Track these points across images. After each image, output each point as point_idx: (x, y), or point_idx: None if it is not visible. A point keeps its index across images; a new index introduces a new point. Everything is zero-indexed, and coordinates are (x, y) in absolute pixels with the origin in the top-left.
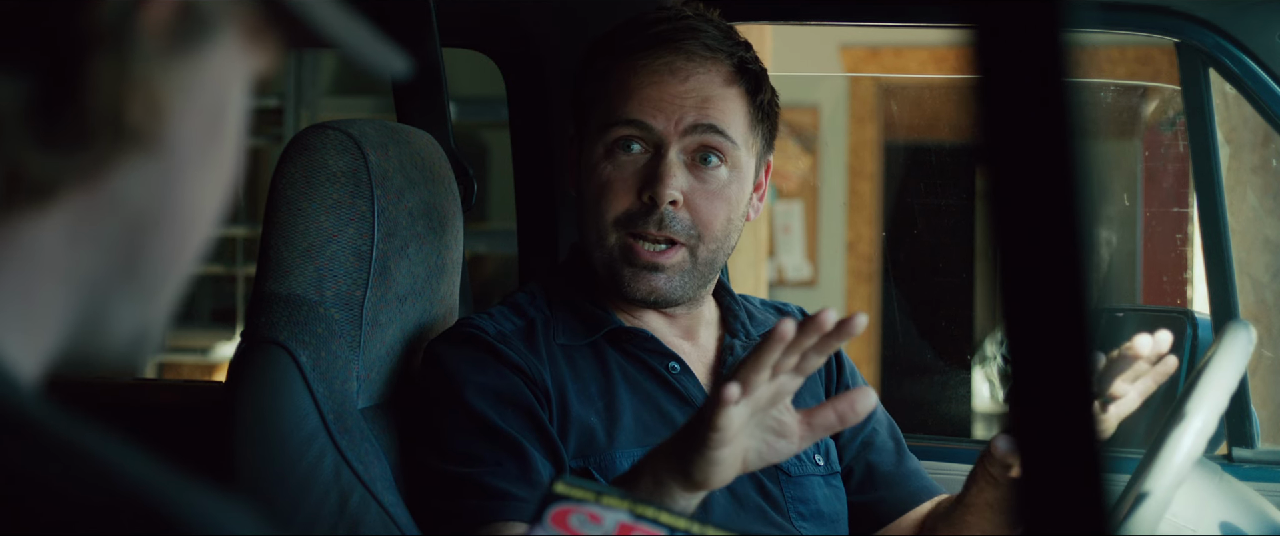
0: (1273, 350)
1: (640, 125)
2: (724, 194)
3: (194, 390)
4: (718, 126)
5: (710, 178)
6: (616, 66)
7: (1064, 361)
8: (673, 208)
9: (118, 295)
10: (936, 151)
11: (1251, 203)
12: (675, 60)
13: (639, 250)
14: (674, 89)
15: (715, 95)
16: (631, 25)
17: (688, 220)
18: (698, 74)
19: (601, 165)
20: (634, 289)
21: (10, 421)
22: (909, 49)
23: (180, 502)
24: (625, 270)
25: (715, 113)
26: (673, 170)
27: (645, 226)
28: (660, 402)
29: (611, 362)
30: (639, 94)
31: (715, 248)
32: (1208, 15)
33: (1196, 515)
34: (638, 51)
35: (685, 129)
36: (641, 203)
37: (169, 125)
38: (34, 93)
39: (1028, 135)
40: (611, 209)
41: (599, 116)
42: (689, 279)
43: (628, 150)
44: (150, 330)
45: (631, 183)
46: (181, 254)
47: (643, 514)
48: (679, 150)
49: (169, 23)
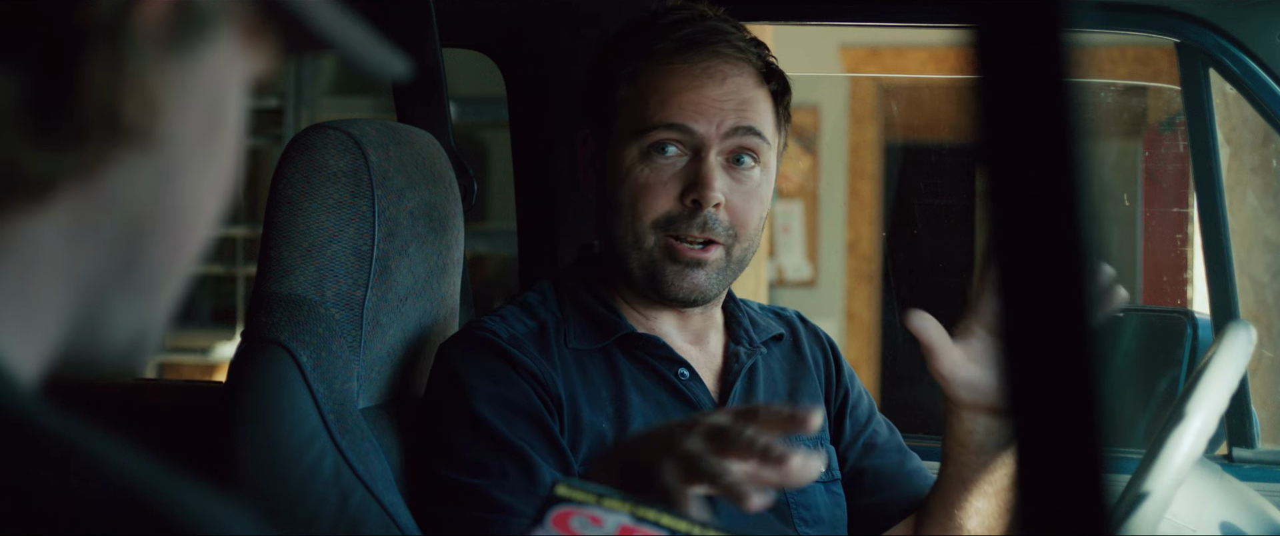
0: (1273, 350)
1: (681, 129)
2: (758, 194)
3: (194, 390)
4: (755, 128)
5: (745, 178)
6: (648, 69)
7: (1064, 361)
8: (715, 211)
9: (117, 295)
10: (936, 151)
11: (1251, 203)
12: (712, 63)
13: (682, 249)
14: (713, 92)
15: (751, 96)
16: (653, 26)
17: (727, 221)
18: (733, 77)
19: (637, 168)
20: (676, 287)
21: (10, 421)
22: (909, 49)
23: (180, 503)
24: (669, 268)
25: (752, 114)
26: (715, 173)
27: (688, 229)
28: (669, 410)
29: (621, 368)
30: (678, 98)
31: (747, 246)
32: (1208, 15)
33: (1196, 515)
34: (670, 55)
35: (726, 132)
36: (683, 206)
37: (166, 123)
38: (29, 89)
39: (1028, 135)
40: (650, 211)
41: (631, 119)
42: (723, 277)
43: (664, 153)
44: (150, 331)
45: (671, 186)
46: (181, 254)
47: (644, 516)
48: (718, 153)
49: (165, 20)
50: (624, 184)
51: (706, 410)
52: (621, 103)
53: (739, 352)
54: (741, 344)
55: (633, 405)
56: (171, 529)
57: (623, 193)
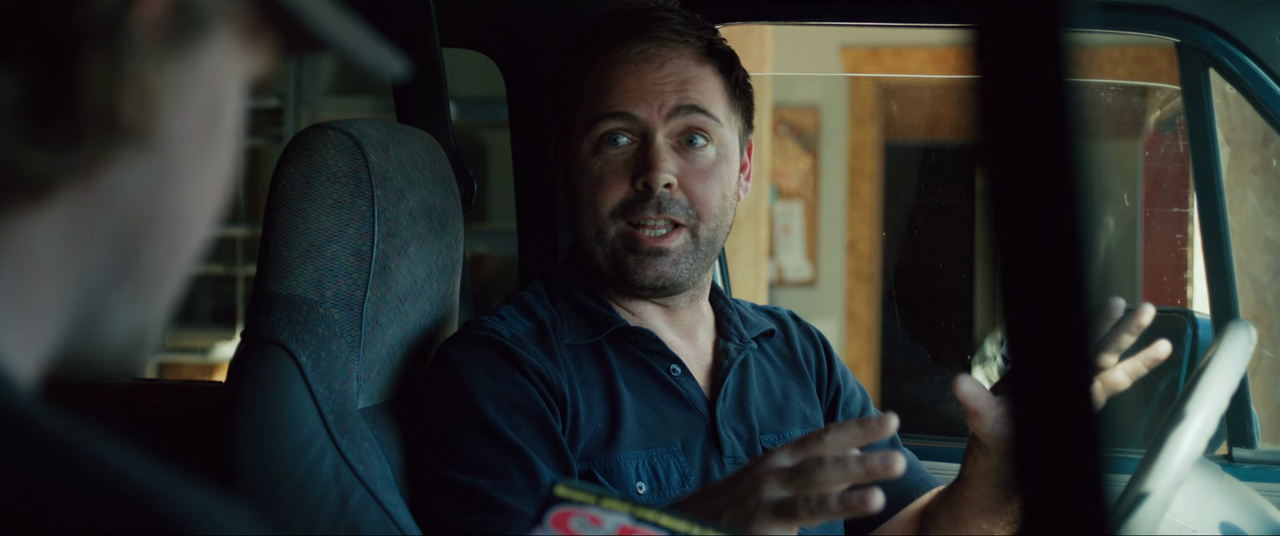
0: (1273, 350)
1: (624, 116)
2: (715, 172)
3: (194, 390)
4: (700, 106)
5: (699, 158)
6: (591, 65)
7: (1064, 361)
8: (668, 190)
9: (116, 295)
10: (936, 151)
11: (1251, 203)
12: (648, 47)
13: (641, 237)
14: (651, 76)
15: (692, 76)
16: (598, 26)
17: (685, 201)
18: (672, 58)
19: (590, 161)
20: (640, 276)
21: (9, 421)
22: (909, 49)
23: (180, 503)
24: (629, 258)
25: (695, 93)
26: (663, 154)
27: (644, 212)
28: (660, 405)
29: (613, 363)
30: (619, 86)
31: (714, 226)
32: (1208, 15)
33: (1196, 515)
34: (609, 47)
35: (669, 113)
36: (636, 190)
37: (164, 123)
38: (27, 88)
39: (1028, 135)
40: (607, 201)
41: (581, 115)
42: (693, 261)
43: (615, 144)
44: (149, 331)
45: (623, 173)
46: (180, 254)
47: (643, 516)
48: (665, 135)
49: (163, 20)
50: (582, 178)
51: (774, 452)
52: (573, 102)
53: (729, 349)
54: (731, 340)
55: (625, 401)
56: (171, 529)
57: (582, 186)
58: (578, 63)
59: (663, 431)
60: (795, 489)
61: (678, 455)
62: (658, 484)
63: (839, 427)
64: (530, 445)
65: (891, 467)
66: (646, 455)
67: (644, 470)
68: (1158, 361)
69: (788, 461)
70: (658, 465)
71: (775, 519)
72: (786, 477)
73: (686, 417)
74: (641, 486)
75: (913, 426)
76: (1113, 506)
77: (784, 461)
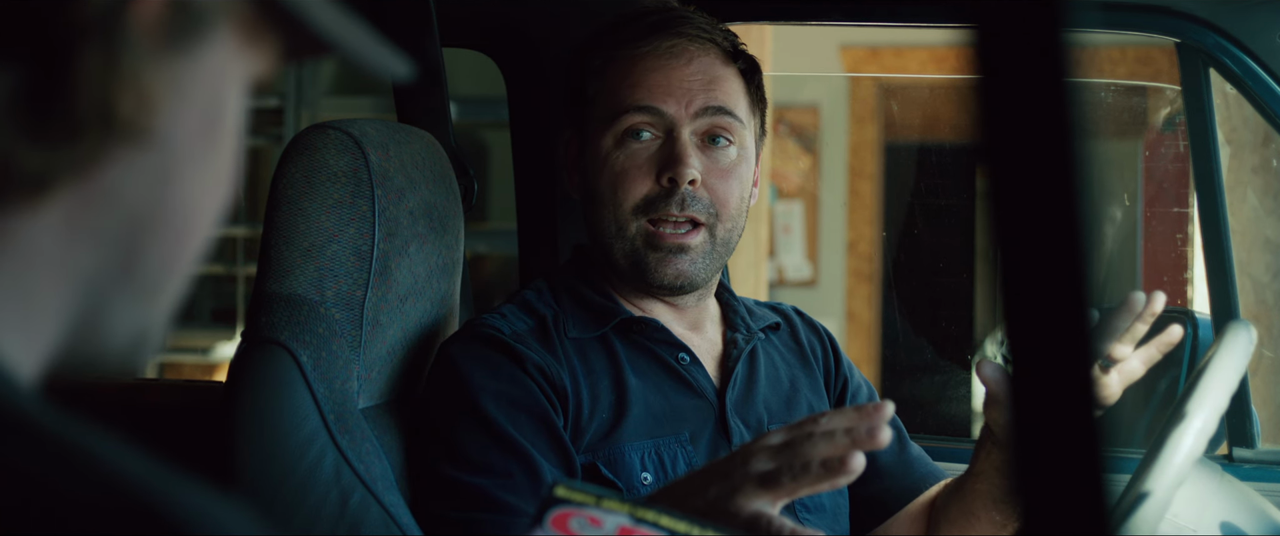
0: (1273, 350)
1: (651, 111)
2: (736, 172)
3: (194, 390)
4: (726, 107)
5: (721, 157)
6: (615, 58)
7: (1064, 361)
8: (691, 187)
9: (117, 295)
10: (936, 151)
11: (1251, 203)
12: (677, 43)
13: (663, 235)
14: (680, 71)
15: (718, 75)
16: (619, 22)
17: (707, 199)
18: (699, 56)
19: (614, 156)
20: (660, 274)
21: (10, 420)
22: (909, 49)
23: (180, 502)
24: (651, 256)
25: (721, 93)
26: (689, 150)
27: (667, 208)
28: (669, 394)
29: (620, 354)
30: (646, 80)
31: (730, 227)
32: (1208, 15)
33: (1196, 515)
34: (635, 41)
35: (696, 111)
36: (660, 186)
37: (161, 120)
38: (23, 84)
39: (1028, 135)
40: (630, 196)
41: (603, 109)
42: (710, 260)
43: (638, 138)
44: (150, 331)
45: (647, 168)
46: (181, 254)
47: (643, 517)
48: (691, 132)
49: (161, 18)
50: (603, 173)
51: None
52: (594, 96)
53: (737, 339)
54: (739, 330)
55: (633, 390)
56: (172, 529)
57: (602, 182)
58: (599, 56)
59: (671, 420)
60: (781, 461)
61: (685, 444)
62: (664, 474)
63: (836, 412)
64: (532, 443)
65: (877, 437)
66: (653, 444)
67: (650, 460)
68: (1171, 345)
69: (778, 440)
70: (665, 454)
71: (760, 489)
72: (774, 452)
73: (696, 406)
74: (647, 477)
75: (913, 426)
76: (1113, 506)
77: (775, 440)
